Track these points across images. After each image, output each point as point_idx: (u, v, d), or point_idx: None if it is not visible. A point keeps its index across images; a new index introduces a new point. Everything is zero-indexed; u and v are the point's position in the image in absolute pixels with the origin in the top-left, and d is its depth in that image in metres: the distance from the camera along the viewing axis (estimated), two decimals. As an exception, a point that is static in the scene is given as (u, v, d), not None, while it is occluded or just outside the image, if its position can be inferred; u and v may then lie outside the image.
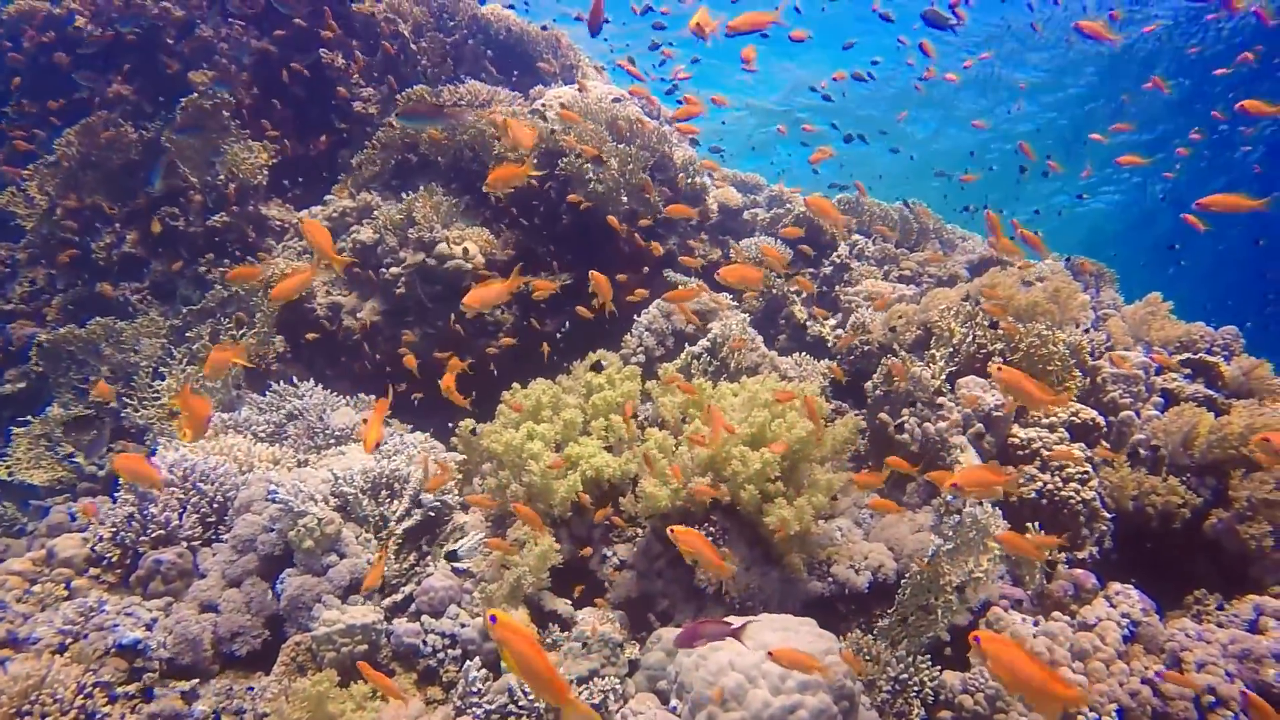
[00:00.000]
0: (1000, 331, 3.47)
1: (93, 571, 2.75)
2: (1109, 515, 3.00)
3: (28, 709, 2.19)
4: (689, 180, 4.69)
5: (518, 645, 1.46)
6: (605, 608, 2.76)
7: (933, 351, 3.52)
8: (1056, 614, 2.40)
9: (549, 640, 2.63)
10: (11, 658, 2.35)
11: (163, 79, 4.98)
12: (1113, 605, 2.29)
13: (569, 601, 2.77)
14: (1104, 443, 3.24)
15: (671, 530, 2.19)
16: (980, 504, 3.01)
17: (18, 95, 4.88)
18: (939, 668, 2.52)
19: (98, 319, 4.15)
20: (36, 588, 2.66)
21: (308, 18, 5.32)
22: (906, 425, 3.34)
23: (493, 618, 1.47)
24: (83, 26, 4.75)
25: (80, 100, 4.90)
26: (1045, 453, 3.15)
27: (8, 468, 3.81)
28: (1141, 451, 3.13)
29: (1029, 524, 2.80)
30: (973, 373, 3.49)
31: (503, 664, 2.40)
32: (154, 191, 4.51)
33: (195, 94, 4.60)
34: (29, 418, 4.03)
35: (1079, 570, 2.59)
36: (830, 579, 2.86)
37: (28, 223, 4.48)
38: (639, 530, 2.92)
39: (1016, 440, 3.26)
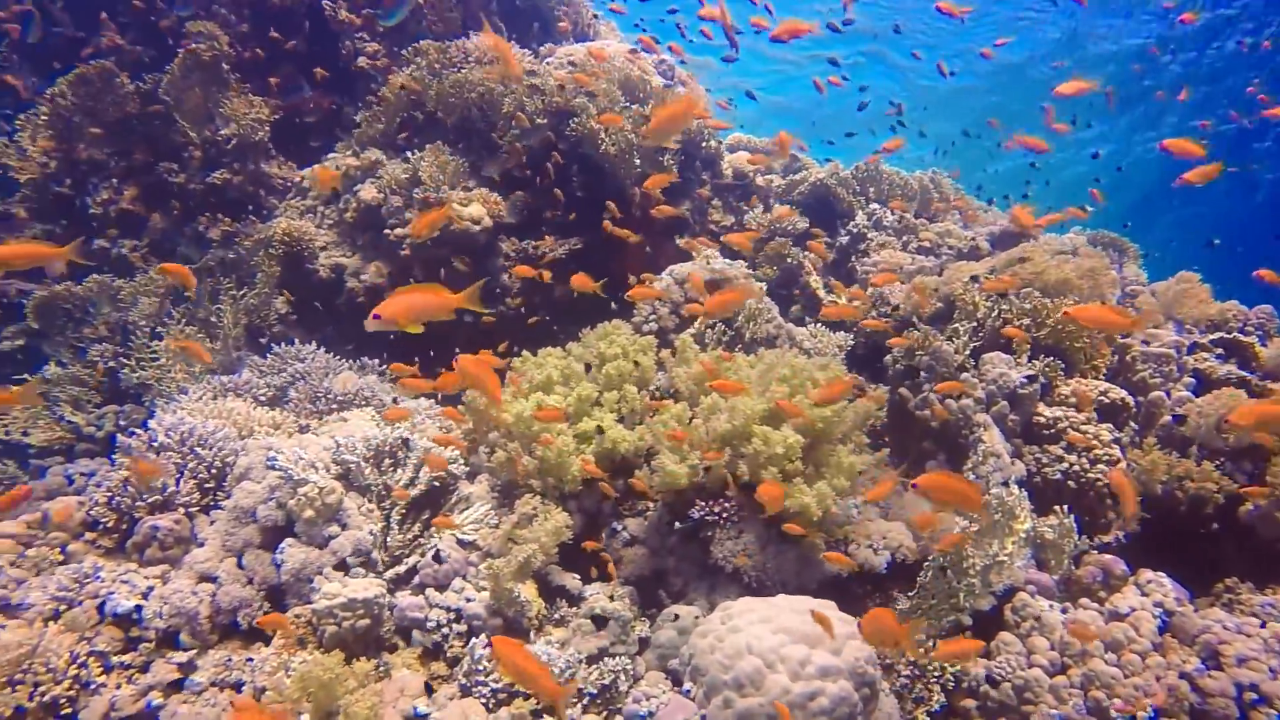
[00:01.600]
0: (1025, 305, 3.35)
1: (88, 536, 2.67)
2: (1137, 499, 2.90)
3: (20, 678, 2.12)
4: (704, 144, 4.52)
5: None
6: (615, 583, 2.68)
7: (955, 325, 3.39)
8: (1085, 601, 2.31)
9: (557, 616, 2.55)
10: (3, 624, 2.28)
11: (158, 30, 4.79)
12: (1144, 594, 2.20)
13: (577, 576, 2.70)
14: (1132, 424, 3.14)
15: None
16: (1006, 485, 2.92)
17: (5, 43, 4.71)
18: (960, 652, 2.44)
19: (94, 276, 4.04)
20: (31, 551, 2.59)
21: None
22: (928, 401, 3.23)
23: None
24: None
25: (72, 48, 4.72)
26: (1072, 433, 3.05)
27: (5, 427, 3.72)
28: (1173, 434, 3.03)
29: (1056, 506, 2.71)
30: (997, 348, 3.37)
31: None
32: None
33: (193, 44, 4.42)
34: (25, 376, 3.93)
35: (1108, 556, 2.50)
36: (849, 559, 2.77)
37: (21, 175, 4.33)
38: (650, 505, 2.83)
39: (1042, 419, 3.16)
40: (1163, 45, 10.36)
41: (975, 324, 3.37)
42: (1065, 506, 2.65)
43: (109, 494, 2.66)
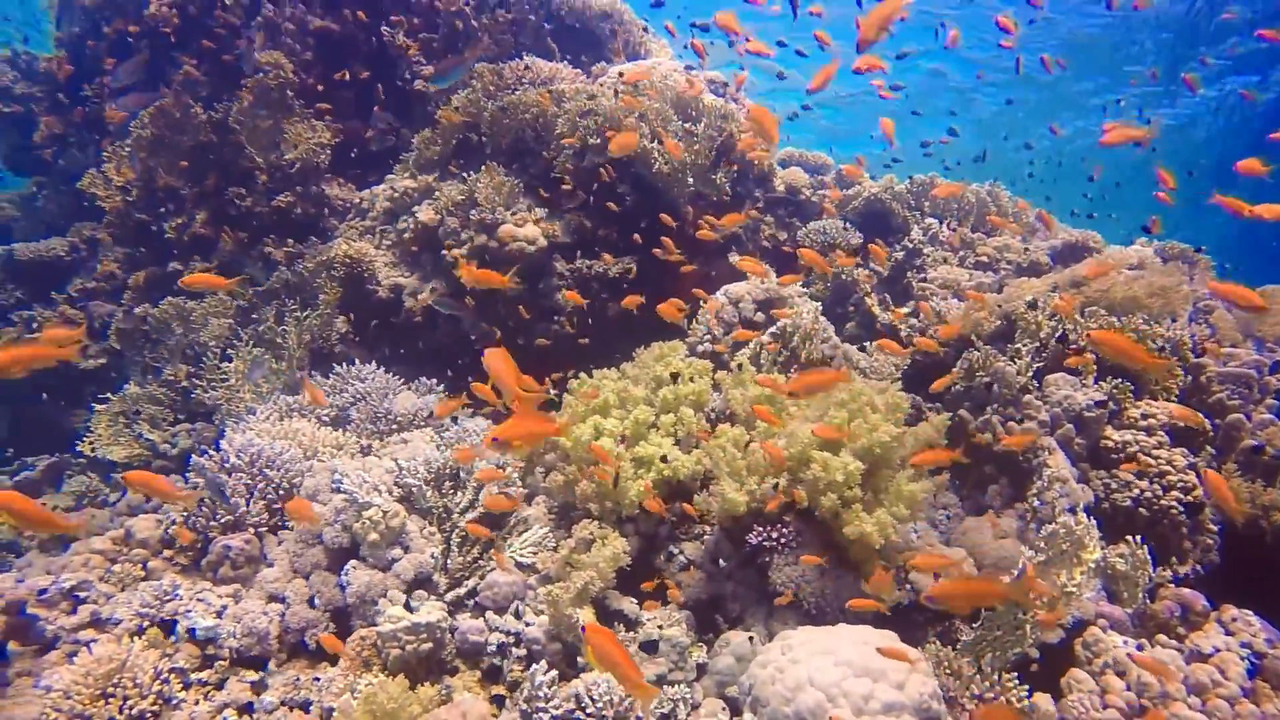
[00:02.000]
0: (1090, 325, 3.26)
1: (166, 553, 2.79)
2: (1215, 527, 2.78)
3: (111, 691, 2.22)
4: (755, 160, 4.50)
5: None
6: (674, 607, 2.68)
7: (1017, 346, 3.31)
8: (1163, 638, 2.22)
9: (614, 640, 2.56)
10: (96, 639, 2.40)
11: (233, 59, 5.00)
12: (1229, 633, 2.10)
13: (634, 600, 2.71)
14: (1209, 449, 3.01)
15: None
16: (1073, 513, 2.83)
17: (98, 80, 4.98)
18: (1027, 687, 2.37)
19: (169, 299, 4.21)
20: (117, 567, 2.72)
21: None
22: (990, 424, 3.16)
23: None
24: (156, 14, 4.79)
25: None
26: (1142, 457, 2.94)
27: (90, 444, 3.91)
28: (1254, 460, 2.89)
29: (1127, 536, 2.61)
30: (1062, 368, 3.27)
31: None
32: None
33: (260, 73, 4.60)
34: (108, 395, 4.12)
35: (1186, 590, 2.40)
36: (908, 586, 2.73)
37: (107, 204, 4.56)
38: (707, 528, 2.83)
39: (1111, 443, 3.06)
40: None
41: (1038, 344, 3.29)
42: (1138, 537, 2.55)
43: (185, 513, 2.77)
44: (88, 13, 5.13)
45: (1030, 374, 3.18)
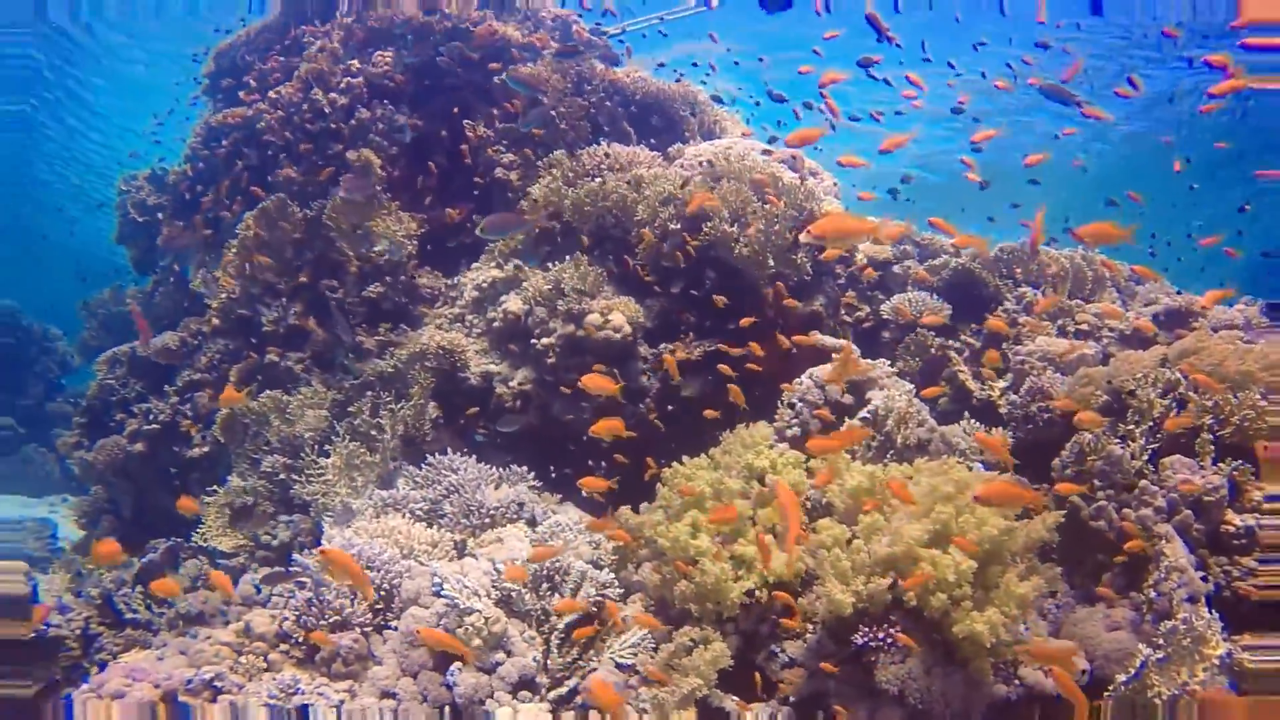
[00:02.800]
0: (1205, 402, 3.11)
1: (282, 647, 2.89)
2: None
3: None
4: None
5: None
6: (774, 705, 2.64)
7: (1129, 427, 3.18)
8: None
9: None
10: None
11: (326, 158, 5.35)
12: (1406, 760, 1.91)
13: (735, 699, 2.66)
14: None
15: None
16: (1194, 603, 2.68)
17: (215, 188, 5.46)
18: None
19: (268, 392, 4.42)
20: (243, 659, 2.84)
21: (450, 94, 5.60)
22: (1103, 511, 3.02)
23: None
24: (268, 126, 5.24)
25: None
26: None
27: (202, 534, 4.11)
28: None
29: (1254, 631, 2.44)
30: (1176, 449, 3.12)
31: None
32: None
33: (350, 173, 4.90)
34: (215, 487, 4.34)
35: (1346, 704, 2.20)
36: (1017, 682, 2.63)
37: (214, 302, 4.88)
38: (809, 626, 2.77)
39: (1232, 528, 2.91)
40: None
41: (1151, 424, 3.15)
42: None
43: (296, 613, 2.87)
44: (211, 130, 5.66)
45: (1145, 457, 3.05)
